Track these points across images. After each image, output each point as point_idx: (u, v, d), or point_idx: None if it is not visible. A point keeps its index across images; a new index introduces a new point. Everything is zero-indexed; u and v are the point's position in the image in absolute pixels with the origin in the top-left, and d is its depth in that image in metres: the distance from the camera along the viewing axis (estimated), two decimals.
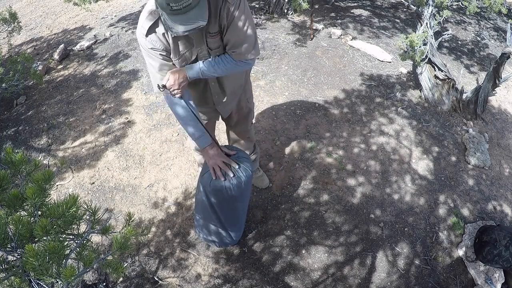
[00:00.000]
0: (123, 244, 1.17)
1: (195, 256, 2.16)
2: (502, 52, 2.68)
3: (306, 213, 2.37)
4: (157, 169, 2.63)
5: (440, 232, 2.36)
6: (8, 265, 1.11)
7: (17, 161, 1.26)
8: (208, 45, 1.48)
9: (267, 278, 2.08)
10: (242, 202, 1.82)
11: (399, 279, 2.12)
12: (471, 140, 2.89)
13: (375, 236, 2.29)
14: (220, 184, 1.61)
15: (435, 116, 3.15)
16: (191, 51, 1.49)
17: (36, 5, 5.59)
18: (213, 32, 1.44)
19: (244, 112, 2.00)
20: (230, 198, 1.68)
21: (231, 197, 1.67)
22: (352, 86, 3.40)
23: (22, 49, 4.32)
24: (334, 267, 2.14)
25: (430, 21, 3.07)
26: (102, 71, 3.64)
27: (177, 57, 1.48)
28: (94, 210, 1.28)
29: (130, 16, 4.70)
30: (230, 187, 1.61)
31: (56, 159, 2.76)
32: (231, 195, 1.64)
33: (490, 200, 2.58)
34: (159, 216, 2.36)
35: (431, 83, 3.19)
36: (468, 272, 2.20)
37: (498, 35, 4.76)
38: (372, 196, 2.49)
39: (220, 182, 1.60)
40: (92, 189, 2.53)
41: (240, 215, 1.93)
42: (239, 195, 1.69)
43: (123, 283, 2.04)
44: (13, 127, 3.08)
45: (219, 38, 1.48)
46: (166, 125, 2.96)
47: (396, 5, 5.19)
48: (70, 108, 3.20)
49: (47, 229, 1.03)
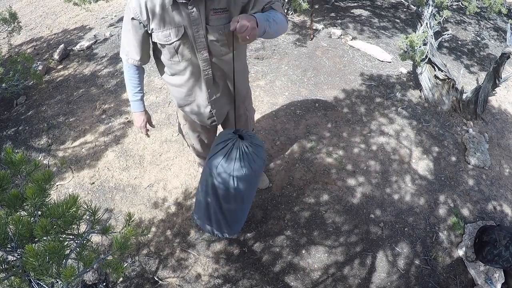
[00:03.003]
0: (123, 244, 1.17)
1: (195, 256, 2.16)
2: (502, 52, 2.68)
3: (306, 213, 2.37)
4: (157, 169, 2.63)
5: (440, 232, 2.36)
6: (8, 265, 1.11)
7: (17, 161, 1.26)
8: (210, 22, 1.39)
9: (267, 278, 2.08)
10: (248, 189, 1.64)
11: (399, 279, 2.12)
12: (471, 140, 2.89)
13: (375, 236, 2.29)
14: (230, 167, 1.50)
15: (435, 116, 3.15)
16: (178, 28, 1.39)
17: (36, 5, 5.59)
18: (219, 8, 1.37)
19: (242, 120, 1.94)
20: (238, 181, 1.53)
21: (239, 179, 1.53)
22: (352, 86, 3.40)
23: (22, 49, 4.32)
24: (334, 267, 2.14)
25: (430, 21, 3.07)
26: (102, 71, 3.64)
27: (161, 29, 1.39)
28: (94, 210, 1.28)
29: None
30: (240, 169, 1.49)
31: (56, 159, 2.76)
32: (239, 176, 1.51)
33: (490, 200, 2.58)
34: (159, 216, 2.36)
35: (431, 83, 3.19)
36: (468, 272, 2.20)
37: (498, 35, 4.76)
38: (372, 196, 2.49)
39: (230, 164, 1.51)
40: (92, 189, 2.53)
41: (244, 205, 1.75)
42: (247, 179, 1.55)
43: (123, 283, 2.04)
44: (13, 127, 3.08)
45: (225, 16, 1.40)
46: (166, 125, 2.96)
47: (396, 5, 5.19)
48: (70, 108, 3.20)
49: (47, 229, 1.03)
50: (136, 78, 1.60)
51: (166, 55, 1.49)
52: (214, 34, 1.43)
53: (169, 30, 1.39)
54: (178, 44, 1.42)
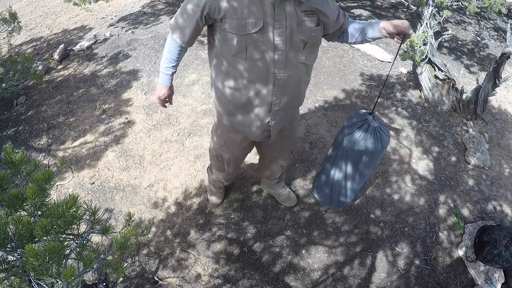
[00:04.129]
0: (123, 244, 1.17)
1: (195, 256, 2.16)
2: (502, 52, 2.68)
3: (306, 213, 2.37)
4: (157, 169, 2.63)
5: (440, 232, 2.36)
6: (8, 265, 1.11)
7: (17, 161, 1.26)
8: (302, 23, 1.27)
9: (267, 278, 2.08)
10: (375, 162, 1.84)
11: (399, 279, 2.12)
12: (471, 140, 2.89)
13: (375, 236, 2.29)
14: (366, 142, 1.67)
15: (435, 116, 3.15)
16: (257, 20, 1.24)
17: (36, 5, 5.59)
18: (309, 10, 1.27)
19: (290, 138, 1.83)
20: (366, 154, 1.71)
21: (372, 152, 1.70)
22: (352, 86, 3.40)
23: (22, 49, 4.32)
24: (334, 267, 2.14)
25: (430, 21, 3.07)
26: (102, 71, 3.64)
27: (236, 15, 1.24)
28: (94, 210, 1.28)
29: (130, 16, 4.70)
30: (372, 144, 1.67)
31: (56, 159, 2.76)
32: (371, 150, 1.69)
33: (490, 200, 2.58)
34: (159, 216, 2.36)
35: (431, 83, 3.19)
36: (468, 272, 2.20)
37: (498, 35, 4.76)
38: (372, 196, 2.49)
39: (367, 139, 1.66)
40: (92, 189, 2.53)
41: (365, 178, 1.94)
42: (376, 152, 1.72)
43: (123, 283, 2.04)
44: (13, 127, 3.08)
45: (315, 18, 1.30)
46: (166, 125, 2.96)
47: (396, 5, 5.19)
48: (70, 108, 3.20)
49: (47, 229, 1.02)
50: (175, 54, 1.48)
51: (231, 49, 1.32)
52: (300, 36, 1.31)
53: (247, 20, 1.24)
54: (253, 37, 1.27)
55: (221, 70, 1.43)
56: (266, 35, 1.27)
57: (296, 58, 1.37)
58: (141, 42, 4.02)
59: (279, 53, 1.32)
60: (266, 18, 1.24)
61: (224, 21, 1.27)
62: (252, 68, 1.35)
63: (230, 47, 1.32)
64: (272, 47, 1.30)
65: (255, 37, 1.27)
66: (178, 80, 3.41)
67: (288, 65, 1.36)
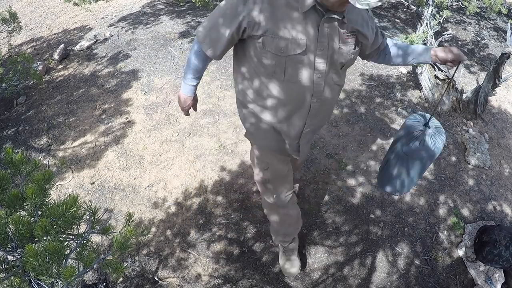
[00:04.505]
0: (123, 244, 1.17)
1: (195, 256, 2.16)
2: (502, 52, 2.68)
3: (306, 213, 2.37)
4: (157, 169, 2.63)
5: (440, 232, 2.36)
6: (8, 265, 1.11)
7: (17, 161, 1.26)
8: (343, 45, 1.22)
9: (267, 278, 2.08)
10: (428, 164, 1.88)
11: (399, 279, 2.12)
12: (471, 140, 2.89)
13: (375, 236, 2.29)
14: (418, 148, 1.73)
15: (435, 116, 3.15)
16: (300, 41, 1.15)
17: (36, 5, 5.59)
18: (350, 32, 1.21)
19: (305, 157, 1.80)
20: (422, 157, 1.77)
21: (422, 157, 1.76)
22: (352, 86, 3.40)
23: (22, 49, 4.32)
24: (334, 267, 2.14)
25: (430, 21, 3.07)
26: (102, 71, 3.64)
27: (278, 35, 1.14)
28: (94, 210, 1.28)
29: (130, 16, 4.70)
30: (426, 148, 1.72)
31: (56, 159, 2.76)
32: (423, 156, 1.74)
33: (490, 200, 2.58)
34: (159, 216, 2.36)
35: (431, 83, 3.19)
36: (468, 272, 2.20)
37: (498, 35, 4.76)
38: (372, 196, 2.49)
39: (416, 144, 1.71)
40: (92, 189, 2.53)
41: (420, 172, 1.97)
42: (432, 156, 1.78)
43: (123, 283, 2.04)
44: (13, 127, 3.08)
45: (354, 40, 1.24)
46: (166, 125, 2.96)
47: (396, 5, 5.19)
48: (70, 108, 3.20)
49: (47, 229, 1.02)
50: (201, 66, 1.39)
51: (268, 69, 1.24)
52: (340, 59, 1.25)
53: (289, 40, 1.16)
54: (294, 59, 1.19)
55: (252, 89, 1.35)
56: (308, 56, 1.20)
57: (334, 80, 1.32)
58: (141, 42, 4.02)
59: (318, 76, 1.26)
60: (309, 38, 1.17)
61: (263, 39, 1.17)
62: (289, 90, 1.28)
63: (267, 68, 1.24)
64: (312, 69, 1.23)
65: (296, 59, 1.20)
66: (178, 80, 3.41)
67: (326, 87, 1.31)
